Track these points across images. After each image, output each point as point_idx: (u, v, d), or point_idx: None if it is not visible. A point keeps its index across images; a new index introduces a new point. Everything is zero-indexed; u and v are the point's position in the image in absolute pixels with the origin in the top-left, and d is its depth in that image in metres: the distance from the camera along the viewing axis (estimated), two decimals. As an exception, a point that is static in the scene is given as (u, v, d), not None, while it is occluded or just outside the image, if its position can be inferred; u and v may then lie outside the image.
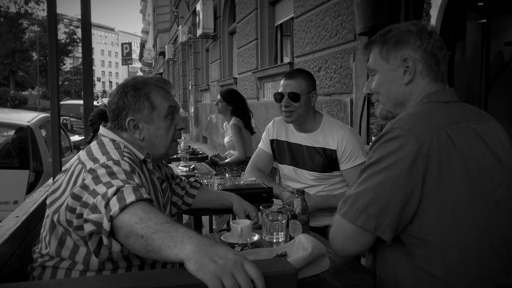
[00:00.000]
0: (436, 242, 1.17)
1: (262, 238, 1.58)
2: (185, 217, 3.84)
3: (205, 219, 3.45)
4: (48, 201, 1.38)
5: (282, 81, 2.33)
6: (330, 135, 2.27)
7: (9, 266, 1.43)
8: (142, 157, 1.51)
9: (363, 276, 1.22)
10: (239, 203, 1.91)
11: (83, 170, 1.29)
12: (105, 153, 1.34)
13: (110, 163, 1.27)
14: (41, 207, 1.91)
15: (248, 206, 1.89)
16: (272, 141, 2.49)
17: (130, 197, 1.10)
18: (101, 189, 1.16)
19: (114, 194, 1.12)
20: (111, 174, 1.22)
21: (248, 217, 1.87)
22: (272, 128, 2.50)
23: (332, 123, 2.32)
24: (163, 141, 1.56)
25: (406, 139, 1.16)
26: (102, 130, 1.54)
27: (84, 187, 1.21)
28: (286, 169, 2.43)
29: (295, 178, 2.37)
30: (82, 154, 1.39)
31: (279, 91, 2.31)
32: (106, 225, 1.07)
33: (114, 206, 1.08)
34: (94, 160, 1.31)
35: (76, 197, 1.21)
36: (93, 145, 1.42)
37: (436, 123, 1.20)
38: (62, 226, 1.31)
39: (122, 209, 1.07)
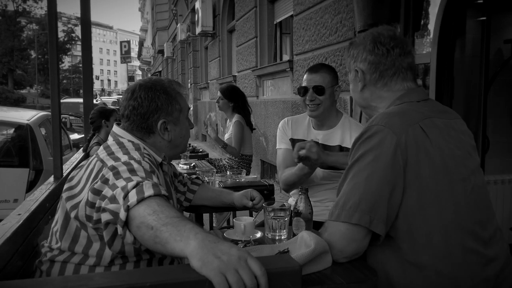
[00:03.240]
0: (420, 230, 1.23)
1: (265, 236, 1.58)
2: (185, 215, 3.84)
3: (205, 217, 3.45)
4: (64, 196, 1.40)
5: (305, 76, 2.31)
6: (348, 133, 2.28)
7: (12, 264, 1.43)
8: (159, 159, 1.54)
9: (366, 273, 1.22)
10: (237, 195, 1.93)
11: (104, 167, 1.31)
12: (127, 153, 1.36)
13: (132, 161, 1.30)
14: (43, 205, 1.92)
15: (246, 192, 1.91)
16: (291, 140, 2.47)
17: (148, 191, 1.13)
18: (121, 183, 1.19)
19: (134, 187, 1.15)
20: (132, 171, 1.25)
21: (252, 199, 1.89)
22: (288, 127, 2.45)
23: (351, 122, 2.34)
24: (184, 140, 1.63)
25: (384, 133, 1.25)
26: (117, 130, 1.53)
27: (105, 181, 1.24)
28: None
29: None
30: (101, 152, 1.41)
31: (303, 85, 2.29)
32: (122, 214, 1.09)
33: (132, 197, 1.11)
34: (116, 159, 1.33)
35: (96, 192, 1.24)
36: (112, 144, 1.44)
37: (410, 118, 1.30)
38: (79, 221, 1.34)
39: (139, 201, 1.10)
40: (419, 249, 1.23)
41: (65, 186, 1.43)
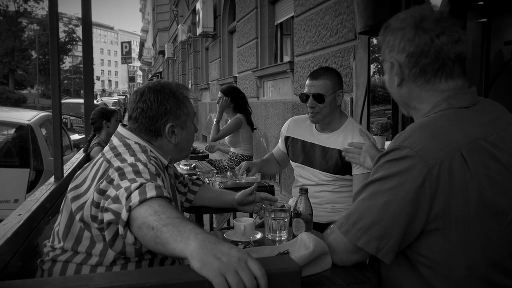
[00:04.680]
0: (443, 261, 1.13)
1: (265, 237, 1.58)
2: (186, 216, 3.84)
3: (205, 218, 3.45)
4: (70, 196, 1.41)
5: (307, 81, 2.30)
6: (350, 137, 2.25)
7: (12, 264, 1.43)
8: (166, 162, 1.55)
9: (366, 274, 1.22)
10: (238, 194, 1.93)
11: (110, 167, 1.32)
12: (133, 155, 1.37)
13: (138, 163, 1.31)
14: (44, 205, 1.92)
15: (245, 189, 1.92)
16: (287, 138, 2.52)
17: (151, 192, 1.14)
18: (125, 184, 1.20)
19: (137, 188, 1.16)
20: (137, 172, 1.26)
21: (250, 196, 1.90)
22: (288, 126, 2.53)
23: (355, 127, 2.30)
24: (189, 144, 1.64)
25: (414, 160, 1.09)
26: (123, 131, 1.53)
27: (110, 181, 1.25)
28: (298, 167, 2.44)
29: (307, 176, 2.39)
30: (107, 152, 1.42)
31: (304, 91, 2.29)
32: (124, 215, 1.10)
33: (135, 198, 1.12)
34: (122, 160, 1.34)
35: (101, 192, 1.25)
36: (119, 146, 1.44)
37: (450, 143, 1.11)
38: (84, 222, 1.35)
39: (141, 202, 1.11)
40: (439, 278, 1.14)
41: (70, 186, 1.44)
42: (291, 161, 2.51)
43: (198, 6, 10.88)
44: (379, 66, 4.28)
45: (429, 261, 1.15)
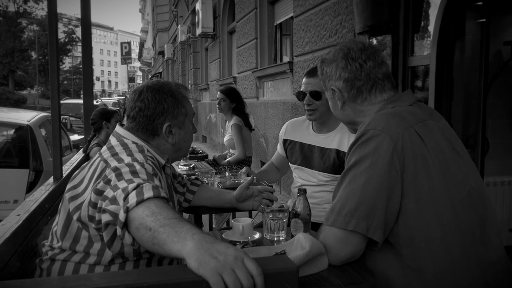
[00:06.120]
0: (420, 235, 1.22)
1: (263, 237, 1.58)
2: (185, 216, 3.84)
3: (204, 218, 3.46)
4: (68, 196, 1.41)
5: (303, 79, 2.32)
6: (346, 137, 2.26)
7: (11, 264, 1.44)
8: (163, 162, 1.56)
9: (363, 274, 1.22)
10: (236, 191, 1.93)
11: (107, 167, 1.33)
12: (130, 154, 1.38)
13: (135, 163, 1.31)
14: (42, 206, 1.92)
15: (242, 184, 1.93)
16: (285, 141, 2.53)
17: (148, 193, 1.14)
18: (122, 184, 1.21)
19: (134, 189, 1.16)
20: (134, 173, 1.26)
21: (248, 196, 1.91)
22: (285, 129, 2.55)
23: None
24: (187, 144, 1.65)
25: (381, 138, 1.24)
26: (121, 131, 1.54)
27: (107, 182, 1.26)
28: (297, 169, 2.45)
29: (305, 177, 2.39)
30: (105, 152, 1.43)
31: (301, 89, 2.30)
32: (121, 216, 1.11)
33: (132, 199, 1.13)
34: (119, 160, 1.35)
35: (99, 192, 1.25)
36: (116, 145, 1.45)
37: (405, 121, 1.29)
38: (81, 222, 1.35)
39: (138, 203, 1.11)
40: (420, 254, 1.22)
41: (68, 186, 1.44)
42: (290, 163, 2.52)
43: (198, 6, 10.89)
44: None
45: (409, 240, 1.22)
